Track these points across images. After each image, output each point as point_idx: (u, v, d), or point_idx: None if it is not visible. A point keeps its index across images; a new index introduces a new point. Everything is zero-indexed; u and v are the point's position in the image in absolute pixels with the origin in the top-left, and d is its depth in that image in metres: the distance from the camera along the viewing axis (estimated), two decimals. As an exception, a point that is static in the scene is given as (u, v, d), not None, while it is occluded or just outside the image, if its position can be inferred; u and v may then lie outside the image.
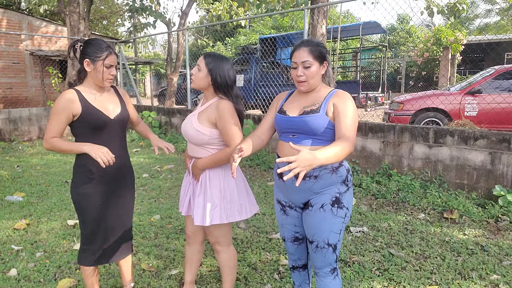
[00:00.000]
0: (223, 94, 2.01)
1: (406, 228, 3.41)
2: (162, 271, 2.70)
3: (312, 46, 1.73)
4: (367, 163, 4.88)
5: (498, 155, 3.87)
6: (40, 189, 4.73)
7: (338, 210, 1.75)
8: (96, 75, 1.94)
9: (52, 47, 13.06)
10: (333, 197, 1.74)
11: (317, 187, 1.74)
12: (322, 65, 1.76)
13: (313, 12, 6.20)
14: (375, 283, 2.49)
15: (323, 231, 1.75)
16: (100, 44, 1.93)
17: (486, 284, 2.48)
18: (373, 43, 16.20)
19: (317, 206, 1.74)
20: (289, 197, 1.86)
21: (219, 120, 1.95)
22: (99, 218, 2.00)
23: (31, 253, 2.97)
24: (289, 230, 1.93)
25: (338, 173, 1.75)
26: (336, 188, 1.75)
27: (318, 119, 1.69)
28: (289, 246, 1.99)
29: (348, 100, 1.71)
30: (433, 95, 6.61)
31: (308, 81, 1.74)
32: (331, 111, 1.70)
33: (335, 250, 1.78)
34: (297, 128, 1.73)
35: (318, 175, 1.72)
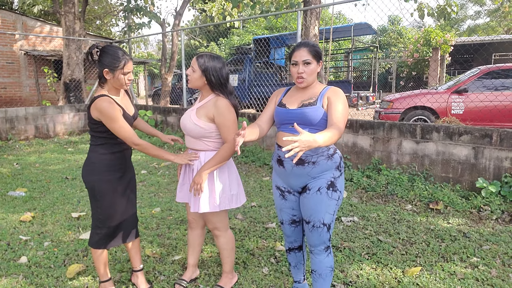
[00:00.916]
0: (219, 91, 2.19)
1: (394, 217, 3.62)
2: (166, 257, 2.87)
3: (310, 47, 1.94)
4: (358, 158, 5.09)
5: (481, 150, 4.10)
6: (41, 185, 4.85)
7: (332, 193, 1.94)
8: (116, 82, 2.11)
9: (47, 47, 13.10)
10: (328, 181, 1.94)
11: (315, 172, 1.94)
12: (318, 64, 1.97)
13: (306, 14, 6.40)
14: (364, 265, 2.69)
15: (319, 212, 1.94)
16: (116, 53, 2.07)
17: (466, 266, 2.69)
18: (365, 44, 16.49)
19: (314, 189, 1.94)
20: (288, 183, 2.04)
21: (217, 116, 2.13)
22: (115, 203, 2.18)
23: (39, 242, 3.12)
24: (287, 213, 2.12)
25: (333, 159, 1.96)
26: (331, 173, 1.95)
27: (316, 111, 1.90)
28: (287, 228, 2.18)
29: (340, 94, 1.94)
30: (421, 94, 6.86)
31: (307, 77, 1.94)
32: (326, 104, 1.92)
33: (329, 229, 1.98)
34: (296, 119, 1.92)
35: (316, 161, 1.92)
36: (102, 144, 2.15)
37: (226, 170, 2.25)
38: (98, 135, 2.15)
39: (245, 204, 4.03)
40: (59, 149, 7.39)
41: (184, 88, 8.14)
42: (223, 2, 13.50)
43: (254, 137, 1.92)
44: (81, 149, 7.33)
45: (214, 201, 2.20)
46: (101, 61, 2.07)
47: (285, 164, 1.99)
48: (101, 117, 2.05)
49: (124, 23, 19.79)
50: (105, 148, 2.16)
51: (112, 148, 2.16)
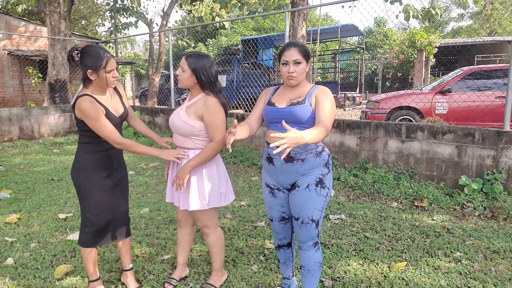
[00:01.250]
0: (209, 90, 2.21)
1: (380, 215, 3.69)
2: (155, 256, 2.87)
3: (300, 47, 1.99)
4: (345, 158, 5.16)
5: (464, 148, 4.21)
6: (26, 186, 4.78)
7: (321, 189, 1.99)
8: (101, 81, 2.10)
9: (31, 47, 12.89)
10: (317, 178, 1.99)
11: (304, 169, 1.98)
12: (307, 64, 2.02)
13: (294, 15, 6.46)
14: (351, 261, 2.74)
15: (307, 208, 1.98)
16: (97, 52, 2.06)
17: (450, 260, 2.77)
18: (351, 45, 16.68)
19: (303, 186, 1.98)
20: (278, 180, 2.08)
21: (206, 114, 2.15)
22: (103, 201, 2.18)
23: (25, 244, 3.08)
24: (276, 210, 2.16)
25: (322, 156, 2.00)
26: (320, 170, 2.00)
27: (304, 109, 1.94)
28: (276, 225, 2.21)
29: (327, 94, 1.99)
30: (406, 94, 6.98)
31: (298, 76, 1.99)
32: (314, 103, 1.96)
33: (317, 225, 2.02)
34: (285, 118, 1.96)
35: (304, 158, 1.96)
36: (88, 142, 2.16)
37: (215, 168, 2.27)
38: (83, 134, 2.15)
39: (234, 203, 4.05)
40: (44, 150, 7.29)
41: (172, 88, 8.12)
42: (211, 3, 13.49)
43: (244, 136, 1.95)
44: (66, 150, 7.24)
45: (203, 199, 2.22)
46: (83, 62, 2.06)
47: (274, 162, 2.02)
48: (83, 117, 2.05)
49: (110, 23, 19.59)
50: (91, 146, 2.15)
51: (97, 147, 2.16)
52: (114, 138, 2.08)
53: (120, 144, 2.10)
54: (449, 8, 30.20)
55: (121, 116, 2.25)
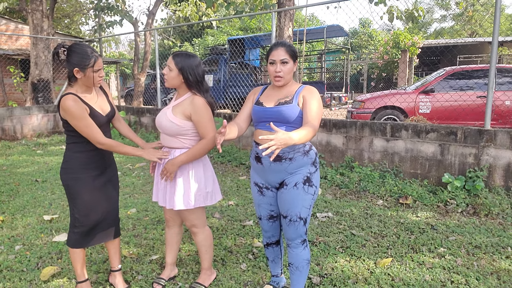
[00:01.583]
0: (196, 90, 2.22)
1: (366, 212, 3.75)
2: (143, 257, 2.85)
3: (287, 46, 2.00)
4: (331, 157, 5.23)
5: (446, 147, 4.31)
6: (9, 188, 4.69)
7: (308, 187, 2.02)
8: (87, 80, 2.08)
9: (12, 45, 12.60)
10: (304, 177, 2.01)
11: (291, 168, 2.01)
12: (294, 63, 2.04)
13: (280, 15, 6.50)
14: (338, 258, 2.79)
15: (295, 206, 2.01)
16: (85, 51, 2.04)
17: (434, 256, 2.84)
18: (337, 46, 16.85)
19: (291, 184, 2.01)
20: (266, 179, 2.11)
21: (194, 114, 2.16)
22: (92, 200, 2.16)
23: (9, 246, 3.03)
24: (265, 209, 2.18)
25: (309, 155, 2.03)
26: (307, 168, 2.03)
27: (292, 108, 1.96)
28: (265, 223, 2.24)
29: (315, 93, 2.01)
30: (391, 94, 7.11)
31: (285, 76, 2.00)
32: (301, 102, 1.98)
33: (305, 223, 2.06)
34: (273, 117, 1.99)
35: (292, 157, 1.99)
36: (76, 142, 2.14)
37: (201, 167, 2.27)
38: (70, 134, 2.13)
39: (222, 203, 4.06)
40: (28, 151, 7.14)
41: (158, 88, 8.06)
42: (198, 2, 13.44)
43: (233, 136, 1.96)
44: (50, 151, 7.11)
45: (188, 199, 2.22)
46: (70, 60, 2.04)
47: (263, 161, 2.04)
48: (66, 116, 2.04)
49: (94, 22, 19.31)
50: (79, 146, 2.14)
51: (86, 146, 2.14)
52: (97, 138, 2.07)
53: (103, 145, 2.08)
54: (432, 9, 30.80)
55: (107, 115, 2.23)
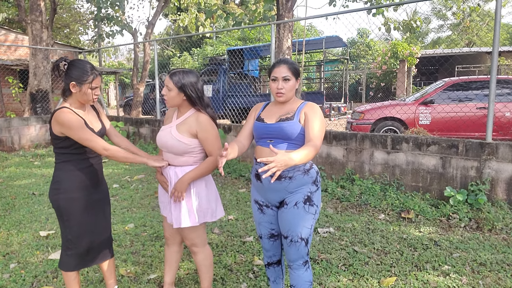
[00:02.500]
0: (199, 106, 2.18)
1: (368, 227, 3.69)
2: (141, 276, 2.78)
3: (290, 64, 2.00)
4: (332, 169, 5.18)
5: (448, 160, 4.27)
6: (6, 201, 4.62)
7: (309, 207, 1.98)
8: (82, 96, 2.05)
9: (11, 56, 12.60)
10: (305, 196, 1.97)
11: (292, 187, 1.97)
12: (297, 81, 2.03)
13: (279, 27, 6.51)
14: (341, 277, 2.72)
15: (296, 226, 1.96)
16: (85, 67, 2.03)
17: (438, 274, 2.78)
18: (335, 56, 16.92)
19: (292, 204, 1.97)
20: (266, 197, 2.07)
21: (200, 132, 2.12)
22: (85, 221, 2.10)
23: (4, 264, 2.95)
24: (265, 227, 2.13)
25: (309, 174, 1.99)
26: (308, 188, 1.99)
27: (293, 125, 1.94)
28: (265, 242, 2.18)
29: (317, 110, 1.98)
30: (390, 105, 7.09)
31: (287, 93, 1.99)
32: (303, 119, 1.96)
33: (307, 244, 2.00)
34: (274, 134, 1.97)
35: (292, 176, 1.95)
36: (69, 160, 2.08)
37: (204, 184, 2.23)
38: (63, 152, 2.07)
39: (222, 218, 3.99)
40: (25, 162, 7.08)
41: (157, 98, 8.04)
42: (196, 12, 13.51)
43: (234, 156, 1.92)
44: (48, 163, 7.05)
45: (193, 216, 2.17)
46: (69, 74, 2.03)
47: (262, 179, 2.00)
48: (63, 129, 1.99)
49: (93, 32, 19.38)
50: (73, 164, 2.08)
51: (80, 164, 2.09)
52: (102, 144, 2.02)
53: (108, 150, 2.02)
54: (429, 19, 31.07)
55: (99, 131, 2.18)
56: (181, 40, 23.64)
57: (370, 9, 7.40)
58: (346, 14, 6.17)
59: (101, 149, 2.02)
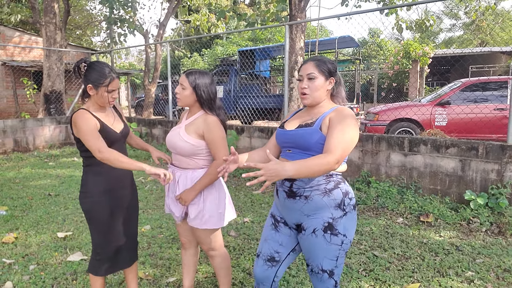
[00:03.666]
0: (208, 109, 2.15)
1: (387, 231, 3.63)
2: (159, 279, 2.77)
3: (318, 61, 1.74)
4: (347, 171, 5.12)
5: (467, 162, 4.18)
6: (23, 202, 4.66)
7: (332, 237, 1.66)
8: (99, 99, 2.04)
9: (25, 57, 12.77)
10: (325, 222, 1.66)
11: (308, 209, 1.68)
12: (328, 81, 1.75)
13: (292, 28, 6.47)
14: (362, 282, 2.67)
15: (316, 257, 1.71)
16: (103, 69, 2.01)
17: (462, 280, 2.71)
18: (346, 56, 16.80)
19: (309, 230, 1.69)
20: (283, 214, 1.83)
21: (207, 133, 2.10)
22: (112, 225, 2.09)
23: (24, 266, 2.97)
24: (270, 247, 1.84)
25: (331, 195, 1.65)
26: (329, 212, 1.66)
27: (311, 133, 1.65)
28: (259, 265, 1.87)
29: (346, 117, 1.63)
30: (406, 106, 7.00)
31: (311, 93, 1.73)
32: (326, 126, 1.64)
33: (332, 275, 1.73)
34: (292, 142, 1.72)
35: (309, 195, 1.66)
36: (93, 164, 2.06)
37: (214, 188, 2.20)
38: (87, 155, 2.06)
39: (238, 220, 3.97)
40: (40, 163, 7.15)
41: (170, 99, 8.06)
42: (208, 13, 13.53)
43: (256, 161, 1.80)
44: (62, 163, 7.11)
45: (202, 220, 2.15)
46: (87, 76, 2.02)
47: (279, 194, 1.78)
48: (75, 129, 1.99)
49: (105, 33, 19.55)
50: (97, 168, 2.06)
51: (104, 168, 2.05)
52: (98, 146, 1.90)
53: (102, 153, 1.90)
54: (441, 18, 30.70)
55: (122, 132, 2.17)
56: (191, 41, 23.73)
57: (382, 10, 7.32)
58: (357, 14, 6.10)
59: (96, 150, 1.91)
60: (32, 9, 10.04)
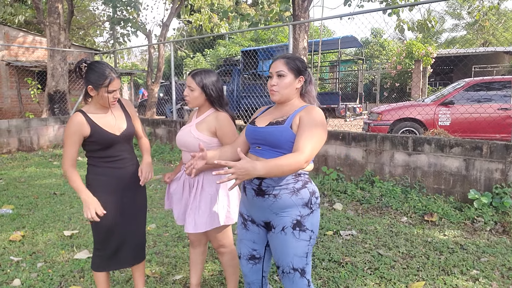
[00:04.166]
0: (218, 106, 2.18)
1: (391, 230, 3.64)
2: (166, 276, 2.79)
3: (288, 58, 1.74)
4: (351, 170, 5.13)
5: (472, 162, 4.19)
6: (28, 201, 4.69)
7: (300, 233, 1.68)
8: (100, 99, 2.05)
9: (29, 57, 12.83)
10: (294, 220, 1.68)
11: (276, 207, 1.69)
12: (297, 79, 1.75)
13: (295, 28, 6.49)
14: (368, 281, 2.69)
15: (286, 255, 1.69)
16: (103, 70, 1.99)
17: (467, 279, 2.72)
18: (349, 56, 16.80)
19: (279, 228, 1.70)
20: (251, 212, 1.82)
21: (219, 128, 2.13)
22: (113, 224, 2.10)
23: (31, 263, 2.99)
24: (247, 246, 1.87)
25: (299, 195, 1.68)
26: (297, 210, 1.68)
27: (282, 130, 1.65)
28: (244, 265, 1.91)
29: (315, 116, 1.65)
30: (409, 106, 7.00)
31: (280, 91, 1.73)
32: (296, 125, 1.65)
33: (303, 274, 1.71)
34: (262, 139, 1.71)
35: (277, 194, 1.67)
36: (95, 164, 2.09)
37: (224, 184, 2.22)
38: (89, 155, 2.10)
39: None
40: (44, 162, 7.19)
41: (174, 99, 8.08)
42: (210, 13, 13.57)
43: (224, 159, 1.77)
44: (67, 163, 7.13)
45: (213, 218, 2.17)
46: (87, 77, 2.03)
47: (247, 191, 1.77)
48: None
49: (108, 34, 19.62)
50: (99, 167, 2.08)
51: (106, 167, 2.08)
52: (65, 161, 2.01)
53: (63, 170, 2.04)
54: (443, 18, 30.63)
55: (123, 133, 2.13)
56: (193, 41, 23.78)
57: (385, 10, 7.32)
58: (360, 14, 6.11)
59: (63, 163, 2.02)
60: (36, 10, 10.09)
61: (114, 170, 2.11)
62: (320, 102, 1.91)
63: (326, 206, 4.46)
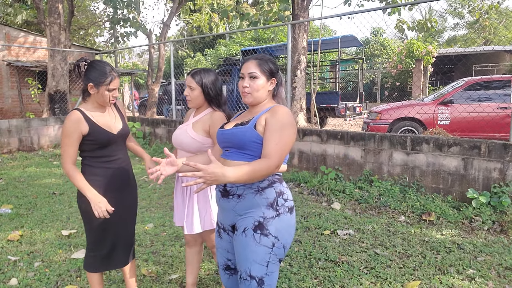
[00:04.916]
0: (215, 105, 2.19)
1: (389, 230, 3.64)
2: (162, 276, 2.80)
3: (261, 60, 1.69)
4: (349, 170, 5.13)
5: (470, 161, 4.18)
6: (27, 201, 4.70)
7: (261, 237, 1.55)
8: (99, 98, 2.05)
9: (30, 57, 12.86)
10: (255, 221, 1.57)
11: (240, 208, 1.61)
12: (269, 81, 1.70)
13: (295, 27, 6.49)
14: (363, 280, 2.69)
15: (244, 259, 1.57)
16: (104, 68, 2.01)
17: (463, 278, 2.72)
18: (349, 55, 16.78)
19: (240, 230, 1.60)
20: (221, 218, 1.75)
21: (212, 127, 2.14)
22: (106, 225, 2.10)
23: (28, 263, 3.01)
24: (221, 255, 1.78)
25: (263, 194, 1.59)
26: (261, 211, 1.58)
27: (245, 131, 1.60)
28: (222, 275, 1.82)
29: (280, 116, 1.58)
30: (409, 105, 6.99)
31: (252, 93, 1.67)
32: (262, 126, 1.59)
33: (261, 285, 1.56)
34: (228, 142, 1.66)
35: (241, 194, 1.60)
36: (90, 164, 2.09)
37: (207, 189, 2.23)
38: (84, 155, 2.10)
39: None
40: (44, 162, 7.21)
41: (173, 99, 8.09)
42: (210, 12, 13.57)
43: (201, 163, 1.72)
44: (67, 163, 7.15)
45: (210, 219, 2.18)
46: (87, 75, 2.03)
47: (216, 194, 1.72)
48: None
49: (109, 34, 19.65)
50: (94, 168, 2.08)
51: (101, 168, 2.08)
52: (65, 160, 2.00)
53: (65, 169, 2.01)
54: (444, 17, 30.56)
55: (119, 132, 2.15)
56: (194, 40, 23.79)
57: (385, 8, 7.32)
58: (360, 13, 6.10)
59: (64, 162, 2.01)
60: (37, 10, 10.11)
61: (110, 170, 2.11)
62: (320, 102, 1.89)
63: (324, 205, 4.46)
